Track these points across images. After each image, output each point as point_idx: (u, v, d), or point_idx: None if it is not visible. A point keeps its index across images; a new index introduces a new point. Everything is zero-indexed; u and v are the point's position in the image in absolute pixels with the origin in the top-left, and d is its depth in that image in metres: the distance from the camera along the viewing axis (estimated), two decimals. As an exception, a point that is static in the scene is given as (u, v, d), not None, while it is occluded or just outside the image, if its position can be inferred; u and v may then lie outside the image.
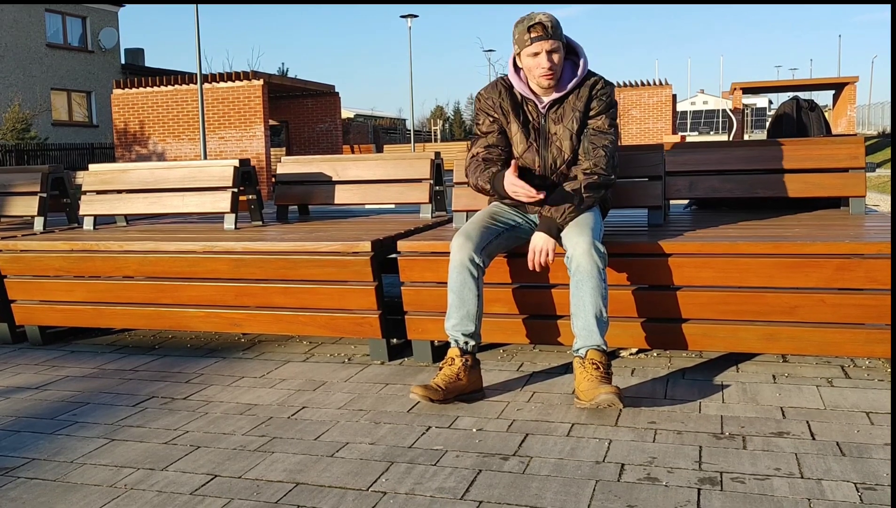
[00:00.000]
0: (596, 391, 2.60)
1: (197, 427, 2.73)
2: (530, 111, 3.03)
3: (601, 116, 2.99)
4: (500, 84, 3.07)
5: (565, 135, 2.98)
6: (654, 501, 2.06)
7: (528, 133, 3.02)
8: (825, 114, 4.97)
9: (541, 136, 3.01)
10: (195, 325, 3.68)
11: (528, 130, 3.02)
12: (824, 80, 28.13)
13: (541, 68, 2.88)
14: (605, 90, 3.00)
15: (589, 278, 2.72)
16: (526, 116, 3.03)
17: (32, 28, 26.33)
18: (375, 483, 2.23)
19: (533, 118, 3.02)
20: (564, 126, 2.98)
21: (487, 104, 3.07)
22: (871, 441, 2.40)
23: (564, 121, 2.98)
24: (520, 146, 3.04)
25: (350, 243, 3.34)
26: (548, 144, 3.01)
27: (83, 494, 2.23)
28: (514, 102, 3.04)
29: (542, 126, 3.01)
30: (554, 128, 3.00)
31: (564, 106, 2.99)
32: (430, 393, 2.78)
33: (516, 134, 3.03)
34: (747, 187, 3.67)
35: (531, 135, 3.02)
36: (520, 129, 3.02)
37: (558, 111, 2.99)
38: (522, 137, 3.03)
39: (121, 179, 4.43)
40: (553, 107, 3.00)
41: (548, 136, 3.01)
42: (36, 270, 3.88)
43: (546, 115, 3.01)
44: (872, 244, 2.80)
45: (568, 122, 2.98)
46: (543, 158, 3.02)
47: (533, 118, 3.02)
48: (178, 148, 18.47)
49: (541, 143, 3.02)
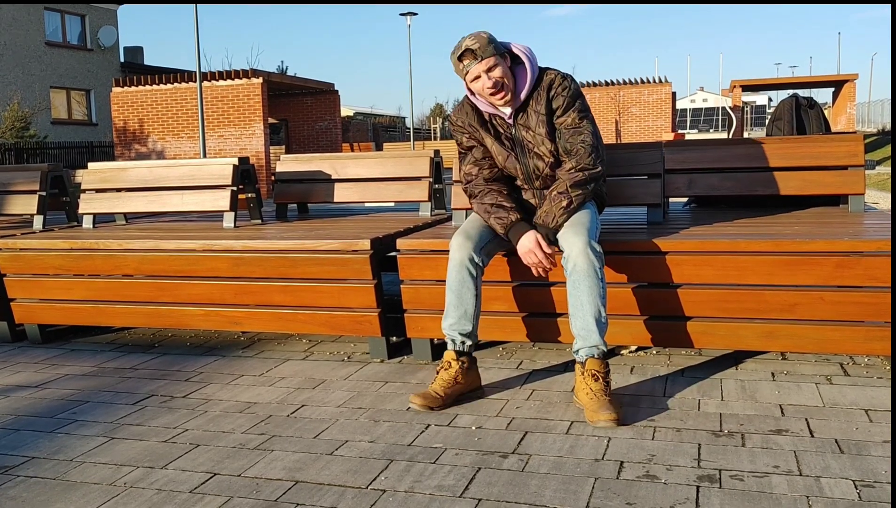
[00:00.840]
0: (597, 416, 2.60)
1: (196, 426, 2.73)
2: (500, 124, 3.02)
3: (568, 113, 2.92)
4: (465, 105, 3.05)
5: (538, 140, 2.96)
6: (652, 499, 2.07)
7: (503, 144, 3.01)
8: (824, 111, 4.97)
9: (516, 144, 3.00)
10: (195, 323, 3.68)
11: (502, 142, 3.02)
12: (824, 77, 28.13)
13: (486, 89, 2.87)
14: (563, 84, 2.92)
15: (586, 278, 2.72)
16: (496, 129, 3.02)
17: (31, 26, 26.32)
18: (375, 481, 2.23)
19: (504, 130, 3.01)
20: (534, 132, 2.96)
21: (459, 125, 3.08)
22: (869, 439, 2.40)
23: (532, 126, 2.96)
24: (499, 158, 3.03)
25: (349, 242, 3.34)
26: (525, 152, 3.00)
27: (83, 492, 2.23)
28: (482, 120, 3.03)
29: (515, 135, 3.00)
30: (525, 135, 2.98)
31: (528, 111, 2.96)
32: (429, 402, 2.78)
33: (493, 147, 3.03)
34: (747, 185, 3.67)
35: (507, 145, 3.01)
36: (494, 141, 3.02)
37: (524, 118, 2.97)
38: (500, 149, 3.01)
39: (120, 178, 4.43)
40: (518, 115, 2.98)
41: (523, 143, 2.99)
42: (35, 268, 3.88)
43: (514, 124, 2.99)
44: (872, 242, 2.80)
45: (535, 126, 2.95)
46: (525, 165, 3.01)
47: (504, 130, 3.01)
48: (177, 146, 18.47)
49: (518, 151, 3.01)
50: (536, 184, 3.04)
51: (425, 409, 2.77)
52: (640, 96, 27.65)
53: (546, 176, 3.00)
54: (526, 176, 3.03)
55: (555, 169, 2.98)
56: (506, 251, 3.14)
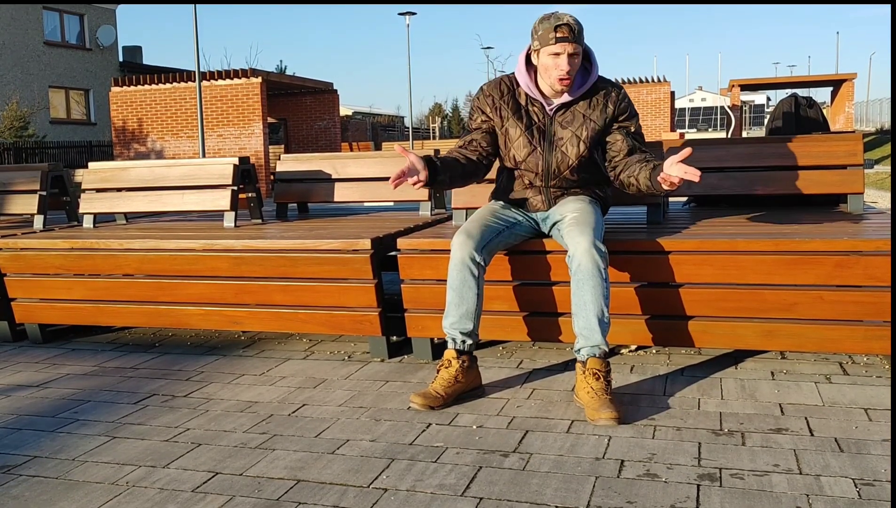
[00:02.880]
0: (597, 415, 2.60)
1: (198, 425, 2.74)
2: (536, 113, 2.99)
3: (633, 121, 3.02)
4: (504, 83, 3.03)
5: (573, 140, 2.95)
6: (653, 497, 2.07)
7: (532, 135, 2.99)
8: (823, 111, 4.98)
9: (545, 138, 2.98)
10: (195, 323, 3.68)
11: (532, 133, 2.99)
12: (822, 76, 28.12)
13: (559, 70, 2.83)
14: (626, 97, 3.01)
15: (590, 278, 2.72)
16: (530, 117, 3.00)
17: (30, 26, 26.30)
18: (376, 480, 2.24)
19: (538, 120, 2.99)
20: (573, 131, 2.94)
21: (487, 102, 3.04)
22: (869, 438, 2.41)
23: (573, 126, 2.95)
24: (522, 150, 3.00)
25: (350, 241, 3.35)
26: (552, 148, 2.98)
27: (85, 491, 2.24)
28: (517, 104, 3.01)
29: (548, 129, 2.98)
30: (560, 132, 2.96)
31: (573, 111, 2.95)
32: (429, 401, 2.78)
33: (518, 138, 2.99)
34: (746, 184, 3.68)
35: (535, 137, 2.99)
36: (523, 132, 2.99)
37: (566, 115, 2.96)
38: (525, 141, 2.99)
39: (120, 178, 4.43)
40: (560, 110, 2.97)
41: (553, 139, 2.98)
42: (36, 268, 3.88)
43: (553, 117, 2.98)
44: (871, 241, 2.81)
45: (577, 128, 2.94)
46: (547, 162, 3.00)
47: (538, 120, 2.99)
48: (176, 146, 18.46)
49: (545, 146, 2.98)
50: (552, 183, 3.03)
51: (426, 408, 2.78)
52: (638, 96, 27.64)
53: (564, 177, 3.00)
54: (545, 172, 3.02)
55: (574, 173, 3.00)
56: (507, 250, 3.14)
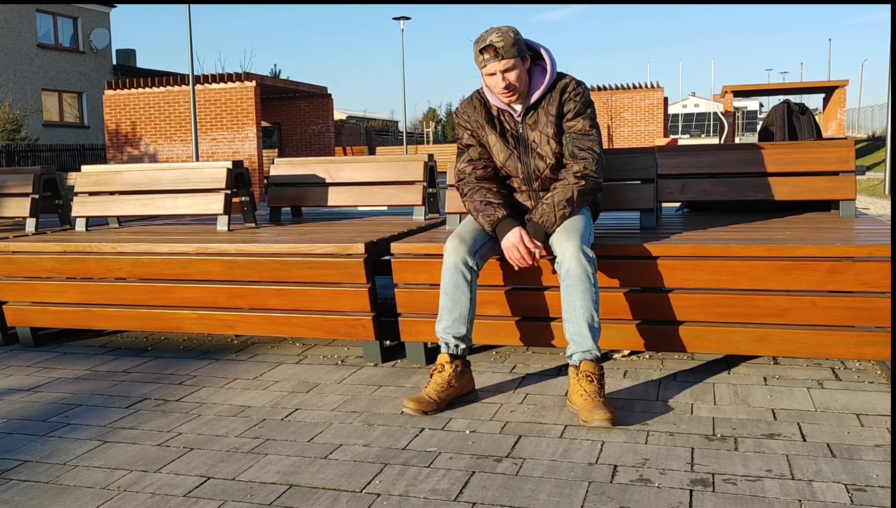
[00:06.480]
0: (591, 416, 2.61)
1: (190, 429, 2.73)
2: (507, 120, 3.04)
3: (579, 119, 2.97)
4: (475, 98, 3.08)
5: (543, 140, 2.98)
6: (646, 502, 2.07)
7: (508, 142, 3.03)
8: (815, 117, 5.00)
9: (521, 143, 3.02)
10: (188, 327, 3.67)
11: (507, 140, 3.03)
12: (815, 83, 28.24)
13: (497, 87, 2.90)
14: (578, 90, 2.97)
15: (579, 283, 2.73)
16: (503, 125, 3.04)
17: (23, 28, 26.22)
18: (369, 485, 2.23)
19: (510, 127, 3.03)
20: (541, 131, 2.97)
21: (464, 119, 3.10)
22: (861, 443, 2.41)
23: (540, 126, 2.97)
24: (501, 156, 3.04)
25: (343, 245, 3.34)
26: (528, 152, 3.01)
27: (76, 496, 2.22)
28: (490, 115, 3.05)
29: (521, 134, 3.02)
30: (532, 134, 3.00)
31: (538, 111, 2.98)
32: (423, 406, 2.78)
33: (495, 145, 3.04)
34: (739, 190, 3.69)
35: (510, 143, 3.03)
36: (498, 139, 3.03)
37: (533, 117, 2.99)
38: (502, 147, 3.03)
39: (113, 181, 4.42)
40: (528, 114, 3.00)
41: (527, 143, 3.01)
42: (28, 271, 3.87)
43: (523, 122, 3.01)
44: (863, 247, 2.82)
45: (544, 126, 2.97)
46: (526, 165, 3.03)
47: (510, 127, 3.03)
48: (169, 149, 18.42)
49: (521, 150, 3.02)
50: (535, 185, 3.05)
51: (419, 413, 2.77)
52: (631, 101, 27.75)
53: (545, 178, 3.02)
54: (525, 176, 3.04)
55: (554, 171, 3.00)
56: (500, 255, 3.14)
